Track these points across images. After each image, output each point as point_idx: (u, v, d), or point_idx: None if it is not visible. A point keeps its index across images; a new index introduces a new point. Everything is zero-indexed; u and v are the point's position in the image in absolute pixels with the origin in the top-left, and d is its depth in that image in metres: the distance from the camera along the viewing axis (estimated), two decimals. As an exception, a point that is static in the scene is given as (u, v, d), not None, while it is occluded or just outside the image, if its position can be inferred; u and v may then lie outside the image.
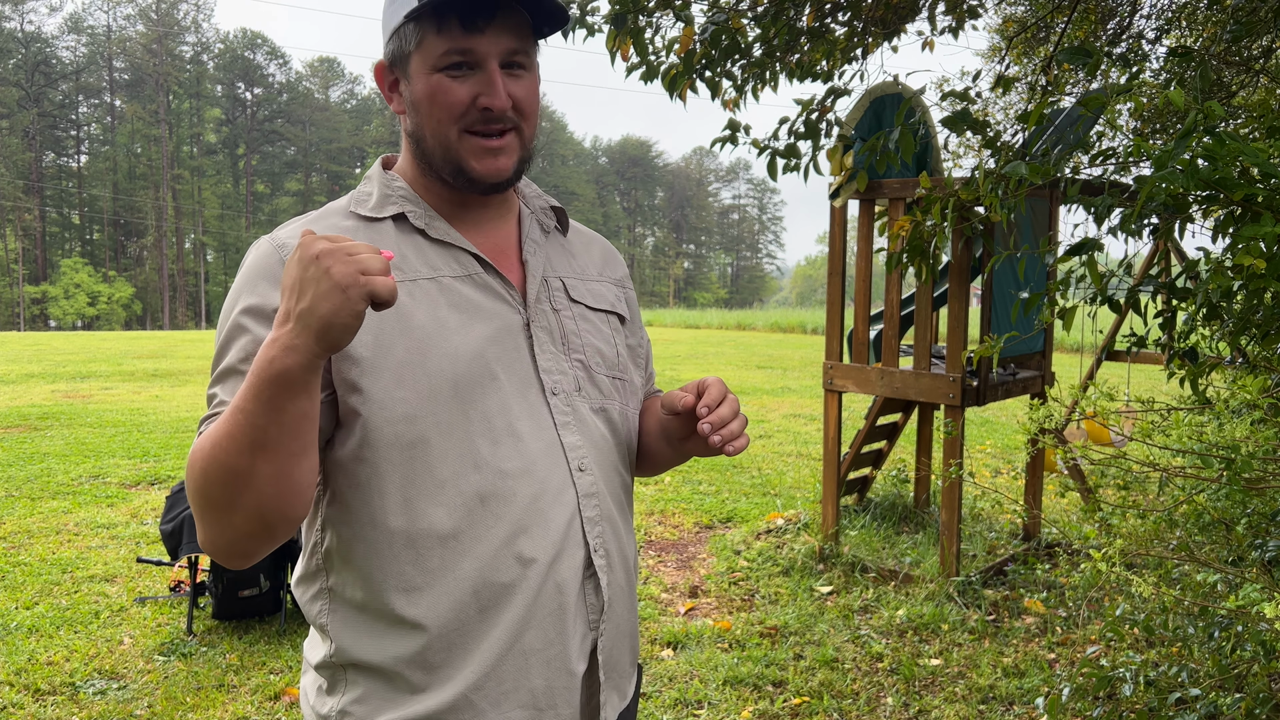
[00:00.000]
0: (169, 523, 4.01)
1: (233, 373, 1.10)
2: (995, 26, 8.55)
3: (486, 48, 1.13)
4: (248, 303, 1.12)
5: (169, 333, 29.19)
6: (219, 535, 1.04)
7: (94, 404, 10.37)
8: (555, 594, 1.15)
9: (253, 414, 0.96)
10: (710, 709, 3.37)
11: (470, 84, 1.14)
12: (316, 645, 1.21)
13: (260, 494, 1.00)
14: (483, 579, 1.12)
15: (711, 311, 40.09)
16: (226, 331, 1.12)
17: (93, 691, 3.45)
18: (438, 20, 1.12)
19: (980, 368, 4.43)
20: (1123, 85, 2.32)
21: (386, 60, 1.19)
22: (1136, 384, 9.67)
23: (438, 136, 1.16)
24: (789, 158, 3.88)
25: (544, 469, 1.16)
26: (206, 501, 1.02)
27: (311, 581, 1.19)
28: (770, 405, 10.86)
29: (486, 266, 1.21)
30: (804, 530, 5.26)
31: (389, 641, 1.13)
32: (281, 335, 0.95)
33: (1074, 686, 2.79)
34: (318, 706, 1.20)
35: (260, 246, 1.16)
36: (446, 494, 1.11)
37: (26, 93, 54.48)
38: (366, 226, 1.19)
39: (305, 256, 0.94)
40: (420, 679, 1.13)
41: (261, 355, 0.96)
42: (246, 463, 0.98)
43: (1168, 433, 2.70)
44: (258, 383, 0.96)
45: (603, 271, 1.36)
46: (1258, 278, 1.85)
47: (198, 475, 1.02)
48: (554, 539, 1.15)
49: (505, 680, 1.14)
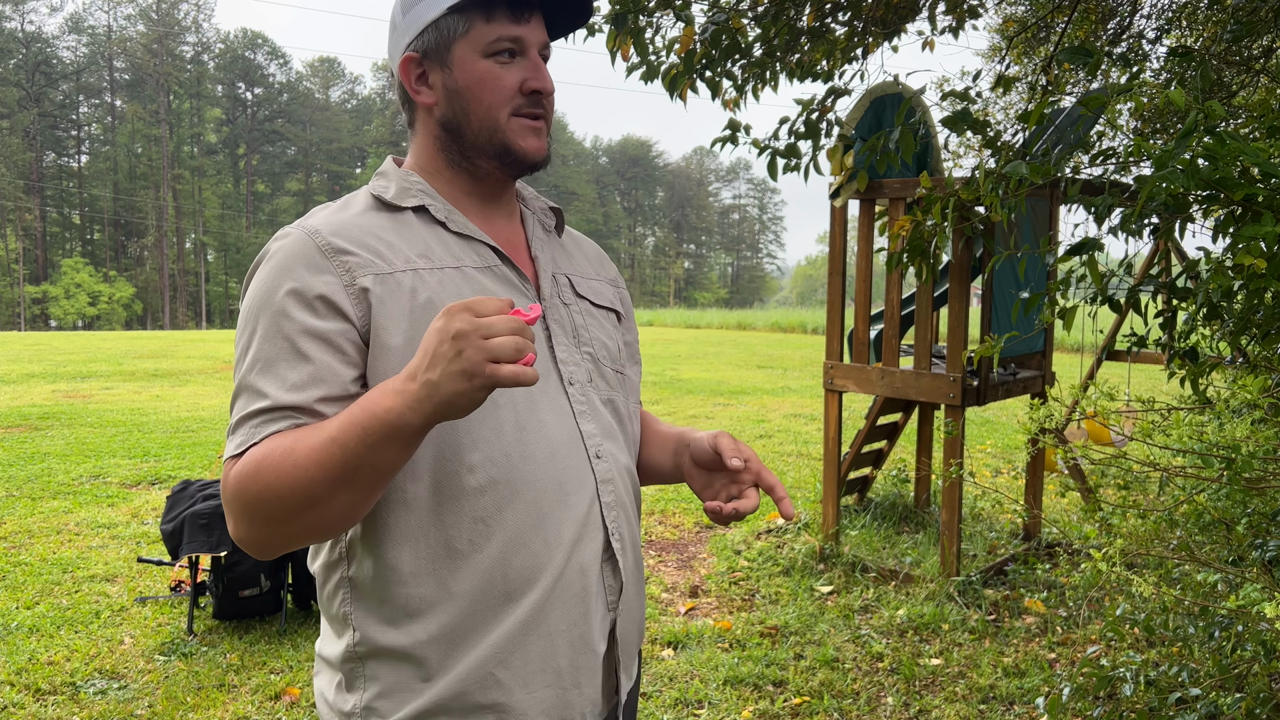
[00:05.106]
0: (169, 522, 4.01)
1: (277, 362, 1.09)
2: (995, 26, 8.55)
3: (531, 36, 1.21)
4: (290, 287, 1.11)
5: (169, 333, 29.19)
6: (260, 536, 1.07)
7: (94, 404, 10.37)
8: (579, 576, 1.19)
9: (353, 452, 0.99)
10: (710, 709, 3.37)
11: (516, 70, 1.21)
12: (333, 640, 1.20)
13: (326, 519, 1.04)
14: (510, 562, 1.14)
15: (712, 311, 40.09)
16: (268, 318, 1.11)
17: (93, 691, 3.45)
18: (485, 10, 1.18)
19: (980, 367, 4.43)
20: (1123, 85, 2.32)
21: (418, 52, 1.21)
22: (1137, 384, 9.67)
23: (486, 120, 1.21)
24: (789, 158, 3.88)
25: (566, 455, 1.19)
26: (263, 511, 1.04)
27: (332, 571, 1.19)
28: (770, 405, 10.86)
29: (504, 259, 1.24)
30: (804, 530, 5.26)
31: (415, 625, 1.13)
32: (406, 391, 0.98)
33: (1074, 686, 2.79)
34: (338, 704, 1.19)
35: (291, 235, 1.16)
36: (476, 479, 1.13)
37: (27, 93, 54.49)
38: (391, 217, 1.21)
39: (445, 330, 0.97)
40: (444, 660, 1.14)
41: (380, 400, 0.99)
42: (327, 492, 1.01)
43: (1168, 432, 2.70)
44: (368, 423, 0.99)
45: (598, 271, 1.40)
46: (1258, 277, 1.85)
47: (263, 488, 1.03)
48: (577, 523, 1.19)
49: (533, 660, 1.16)
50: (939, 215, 3.31)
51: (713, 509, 1.22)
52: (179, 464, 7.19)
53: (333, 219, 1.18)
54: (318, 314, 1.10)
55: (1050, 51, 5.56)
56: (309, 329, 1.09)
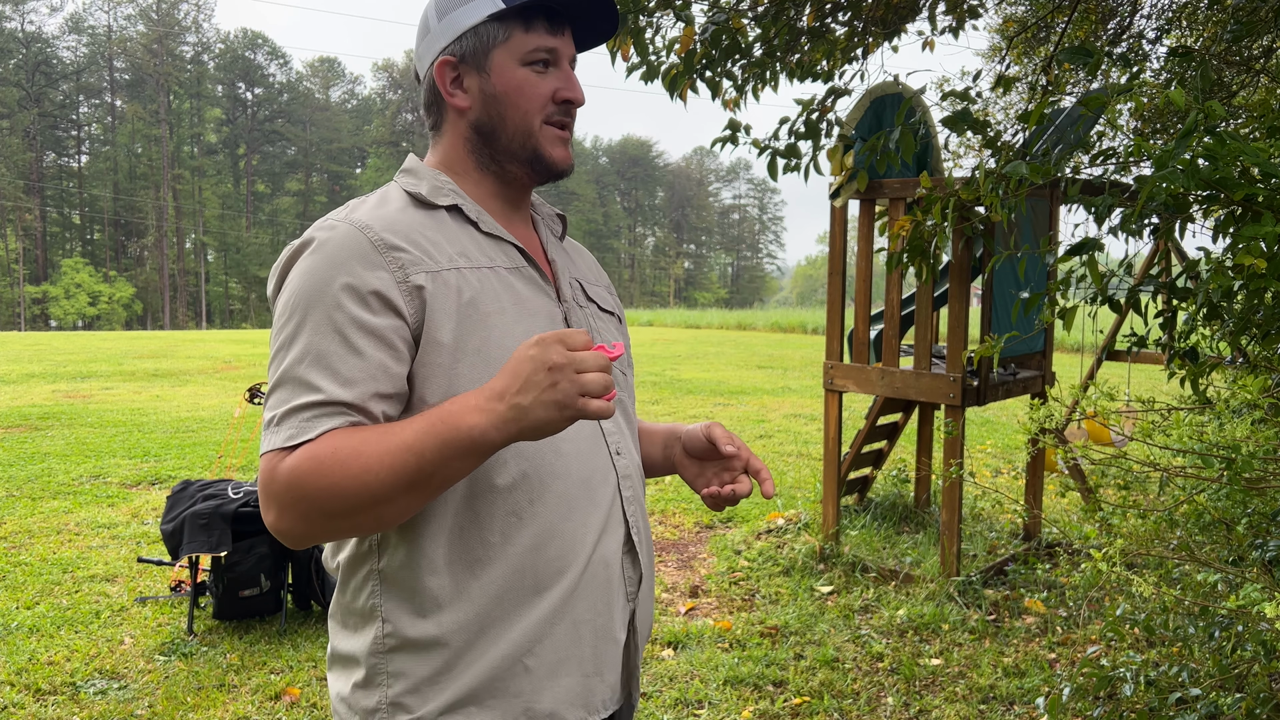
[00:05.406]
0: (169, 522, 4.00)
1: (328, 355, 1.09)
2: (995, 26, 8.55)
3: (564, 48, 1.26)
4: (344, 280, 1.11)
5: (169, 333, 29.19)
6: (308, 530, 1.07)
7: (94, 404, 10.38)
8: (603, 568, 1.23)
9: (429, 461, 1.04)
10: (711, 709, 3.37)
11: (550, 79, 1.25)
12: (354, 636, 1.20)
13: (382, 518, 1.07)
14: (540, 554, 1.18)
15: (712, 311, 40.08)
16: (320, 311, 1.10)
17: (93, 691, 3.45)
18: (525, 20, 1.23)
19: (980, 367, 4.43)
20: (1123, 85, 2.32)
21: (455, 56, 1.25)
22: (1137, 384, 9.67)
23: (521, 125, 1.25)
24: (789, 158, 3.88)
25: (590, 452, 1.24)
26: (320, 507, 1.05)
27: (360, 565, 1.19)
28: (770, 405, 10.86)
29: (530, 261, 1.28)
30: (804, 530, 5.26)
31: (445, 615, 1.15)
32: (493, 411, 1.03)
33: (1074, 686, 2.79)
34: (358, 702, 1.18)
35: (339, 228, 1.15)
36: (509, 473, 1.16)
37: (27, 93, 54.49)
38: (429, 215, 1.23)
39: (540, 359, 1.01)
40: (474, 650, 1.16)
41: (464, 416, 1.03)
42: (391, 494, 1.04)
43: (1168, 433, 2.70)
44: (449, 436, 1.03)
45: (598, 278, 1.45)
46: (1258, 277, 1.85)
47: (327, 486, 1.04)
48: (601, 517, 1.24)
49: (560, 649, 1.19)
50: (939, 215, 3.31)
51: (711, 493, 1.28)
52: (179, 464, 7.19)
53: (378, 214, 1.19)
54: (372, 309, 1.11)
55: (1050, 51, 5.56)
56: (363, 324, 1.10)
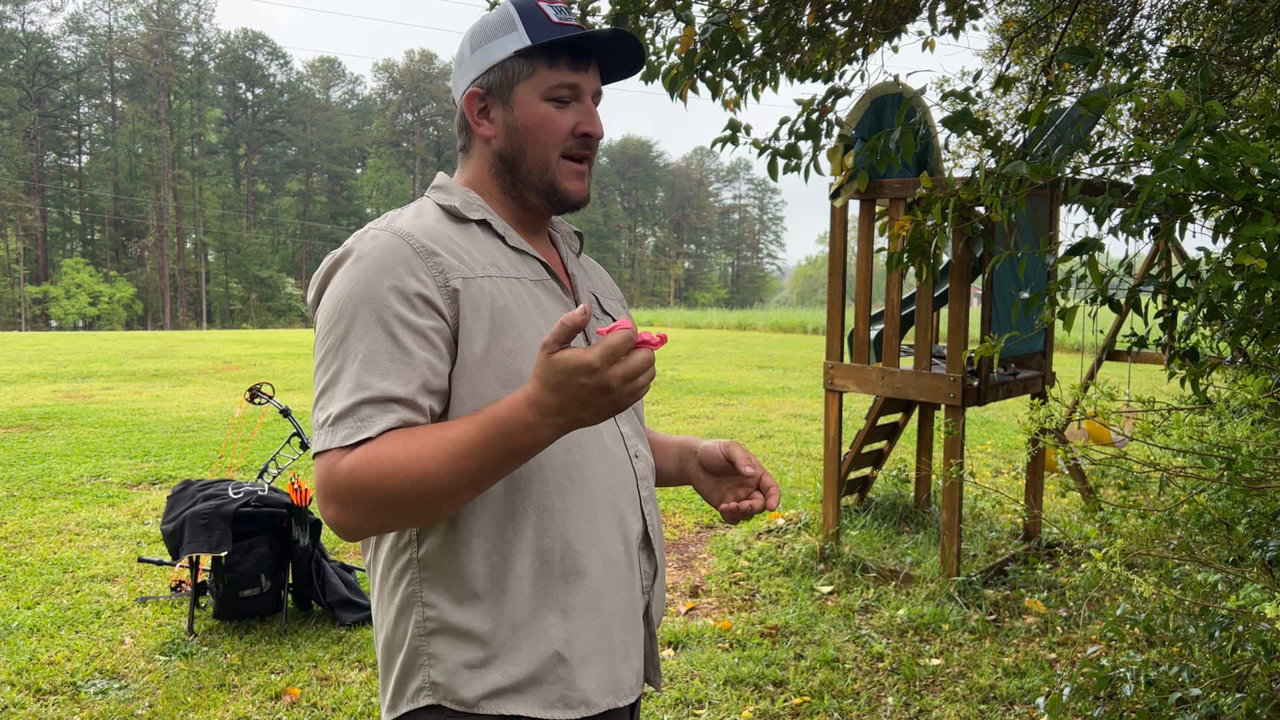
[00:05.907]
0: (170, 522, 4.00)
1: (379, 355, 1.15)
2: (996, 26, 8.55)
3: (586, 84, 1.32)
4: (390, 284, 1.18)
5: (170, 333, 29.20)
6: (368, 524, 1.15)
7: (95, 404, 10.38)
8: (625, 562, 1.31)
9: (488, 465, 1.11)
10: (711, 709, 3.37)
11: (570, 114, 1.31)
12: (396, 625, 1.25)
13: (439, 513, 1.16)
14: (570, 546, 1.25)
15: (712, 311, 40.08)
16: (368, 313, 1.17)
17: (94, 691, 3.45)
18: (549, 57, 1.29)
19: (981, 368, 4.43)
20: (1123, 85, 2.32)
21: (483, 88, 1.32)
22: (1137, 384, 9.67)
23: (540, 158, 1.32)
24: (789, 158, 3.88)
25: (613, 453, 1.32)
26: (382, 504, 1.12)
27: (399, 555, 1.25)
28: (771, 405, 10.86)
29: (552, 275, 1.36)
30: (805, 530, 5.26)
31: (483, 606, 1.22)
32: (549, 424, 1.09)
33: (1075, 686, 2.79)
34: (404, 686, 1.24)
35: (380, 237, 1.23)
36: (545, 471, 1.24)
37: (28, 93, 54.50)
38: (461, 227, 1.30)
39: (599, 384, 1.06)
40: (510, 640, 1.22)
41: (524, 428, 1.09)
42: (453, 492, 1.12)
43: (1168, 433, 2.70)
44: (508, 442, 1.10)
45: (610, 291, 1.53)
46: (1258, 277, 1.85)
47: (391, 485, 1.10)
48: (623, 513, 1.32)
49: (591, 638, 1.27)
50: (939, 215, 3.31)
51: (729, 508, 1.36)
52: (179, 464, 7.19)
53: (416, 224, 1.26)
54: (417, 311, 1.18)
55: (1050, 51, 5.56)
56: (410, 324, 1.17)
